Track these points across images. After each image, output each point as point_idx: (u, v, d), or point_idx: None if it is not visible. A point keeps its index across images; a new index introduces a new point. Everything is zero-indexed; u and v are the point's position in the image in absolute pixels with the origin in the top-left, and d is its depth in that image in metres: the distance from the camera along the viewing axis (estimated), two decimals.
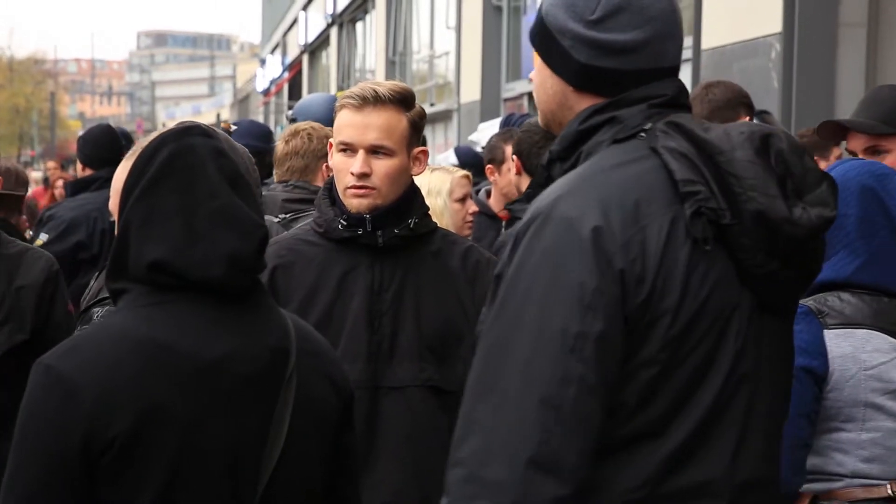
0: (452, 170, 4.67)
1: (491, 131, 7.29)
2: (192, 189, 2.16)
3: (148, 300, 2.16)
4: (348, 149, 3.17)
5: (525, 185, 4.07)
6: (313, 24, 30.77)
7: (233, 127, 5.47)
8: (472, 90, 15.52)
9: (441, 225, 3.41)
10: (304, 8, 31.81)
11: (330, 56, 29.11)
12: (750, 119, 4.67)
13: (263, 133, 6.15)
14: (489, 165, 5.43)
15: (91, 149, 6.54)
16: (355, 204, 3.16)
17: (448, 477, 2.00)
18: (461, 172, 4.60)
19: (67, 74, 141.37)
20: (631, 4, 2.14)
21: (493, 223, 5.40)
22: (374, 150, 3.16)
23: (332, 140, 3.24)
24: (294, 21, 34.55)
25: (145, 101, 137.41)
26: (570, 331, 1.97)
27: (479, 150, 7.48)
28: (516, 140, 4.85)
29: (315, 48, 32.49)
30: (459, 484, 1.97)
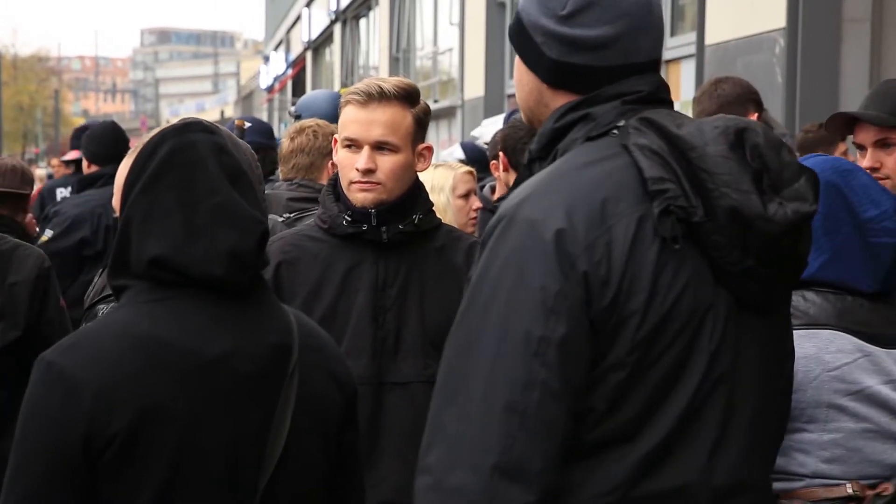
0: (456, 166, 4.64)
1: (494, 127, 7.26)
2: (193, 185, 2.15)
3: (149, 296, 2.15)
4: (353, 144, 3.17)
5: (513, 181, 4.06)
6: (317, 20, 30.75)
7: (247, 124, 5.43)
8: (475, 86, 15.50)
9: (445, 221, 3.41)
10: (308, 5, 31.79)
11: (333, 53, 29.09)
12: (758, 116, 4.66)
13: (266, 130, 6.16)
14: (493, 161, 5.42)
15: (96, 146, 6.54)
16: (360, 198, 3.16)
17: (416, 483, 1.98)
18: (464, 168, 4.58)
19: (71, 72, 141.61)
20: None
21: None
22: (379, 146, 3.15)
23: (336, 136, 3.24)
24: (297, 18, 34.54)
25: (149, 98, 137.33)
26: (533, 335, 1.93)
27: (482, 145, 7.47)
28: (502, 136, 4.84)
29: (319, 45, 32.46)
30: (426, 491, 1.96)
